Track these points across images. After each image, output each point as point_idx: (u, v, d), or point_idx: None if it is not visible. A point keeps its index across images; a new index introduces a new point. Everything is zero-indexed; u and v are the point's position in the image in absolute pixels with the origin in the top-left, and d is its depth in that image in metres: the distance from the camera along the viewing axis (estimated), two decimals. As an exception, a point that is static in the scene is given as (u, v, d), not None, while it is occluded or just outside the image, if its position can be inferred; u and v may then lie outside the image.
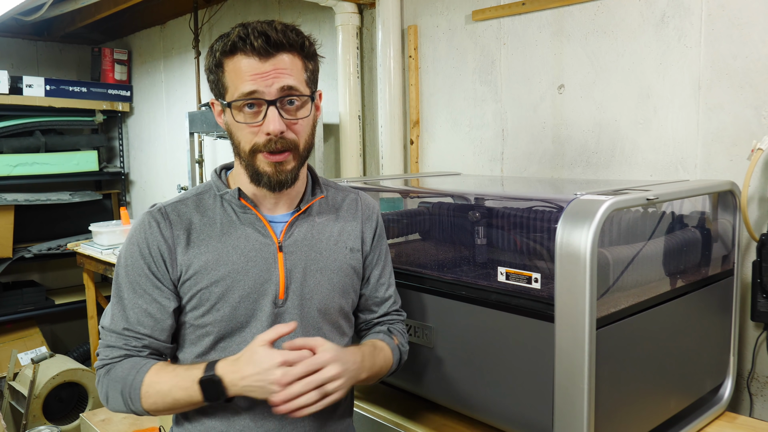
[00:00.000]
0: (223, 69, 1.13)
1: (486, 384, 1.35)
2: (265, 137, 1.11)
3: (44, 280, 4.60)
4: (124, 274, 1.17)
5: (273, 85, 1.10)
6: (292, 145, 1.14)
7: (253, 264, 1.17)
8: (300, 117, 1.14)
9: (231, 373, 1.07)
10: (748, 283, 1.62)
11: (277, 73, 1.10)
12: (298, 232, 1.21)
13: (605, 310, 1.17)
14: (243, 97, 1.10)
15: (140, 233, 1.17)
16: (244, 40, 1.09)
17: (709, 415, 1.51)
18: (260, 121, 1.11)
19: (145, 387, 1.11)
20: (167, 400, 1.11)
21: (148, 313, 1.15)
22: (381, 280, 1.33)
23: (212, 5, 3.57)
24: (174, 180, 4.07)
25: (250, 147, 1.13)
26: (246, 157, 1.15)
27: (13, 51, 4.47)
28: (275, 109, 1.10)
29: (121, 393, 1.13)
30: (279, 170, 1.14)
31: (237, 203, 1.19)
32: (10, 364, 3.63)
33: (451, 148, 2.39)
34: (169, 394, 1.10)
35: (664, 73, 1.78)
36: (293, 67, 1.12)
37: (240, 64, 1.10)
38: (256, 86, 1.09)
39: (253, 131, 1.12)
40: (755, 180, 1.63)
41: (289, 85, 1.11)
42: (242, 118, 1.12)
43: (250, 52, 1.09)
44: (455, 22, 2.32)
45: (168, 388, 1.10)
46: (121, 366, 1.14)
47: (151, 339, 1.15)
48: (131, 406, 1.13)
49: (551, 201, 1.36)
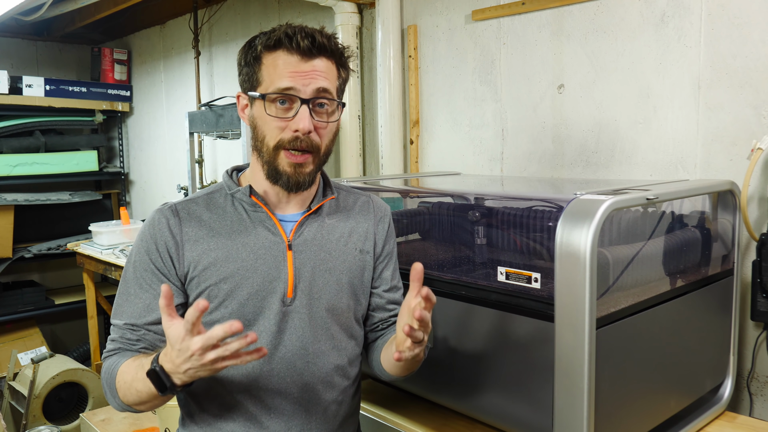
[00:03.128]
0: (261, 62, 1.15)
1: (486, 384, 1.35)
2: (292, 134, 1.13)
3: (44, 280, 4.60)
4: (132, 270, 1.18)
5: (309, 86, 1.12)
6: (315, 147, 1.15)
7: (262, 262, 1.17)
8: (328, 121, 1.16)
9: (167, 363, 1.01)
10: (748, 282, 1.62)
11: (315, 75, 1.13)
12: (308, 231, 1.22)
13: (605, 310, 1.17)
14: (278, 92, 1.12)
15: (149, 230, 1.18)
16: (290, 38, 1.12)
17: (709, 414, 1.51)
18: (290, 117, 1.13)
19: (118, 378, 1.11)
20: (132, 391, 1.09)
21: (150, 307, 1.15)
22: (393, 281, 1.34)
23: (212, 5, 3.57)
24: (174, 180, 4.06)
25: (275, 142, 1.14)
26: (268, 153, 1.15)
27: (12, 51, 4.47)
28: (307, 108, 1.12)
29: (108, 385, 1.13)
30: (298, 172, 1.16)
31: (248, 201, 1.20)
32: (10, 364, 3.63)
33: (451, 147, 2.39)
34: (132, 386, 1.08)
35: (663, 72, 1.78)
36: (329, 72, 1.15)
37: (280, 60, 1.13)
38: (294, 83, 1.12)
39: (280, 126, 1.13)
40: (755, 179, 1.63)
41: (324, 87, 1.13)
42: (273, 112, 1.14)
43: (294, 50, 1.12)
44: (455, 22, 2.32)
45: (131, 379, 1.08)
46: (110, 359, 1.15)
47: (145, 331, 1.15)
48: (113, 399, 1.13)
49: (551, 201, 1.36)
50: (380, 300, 1.32)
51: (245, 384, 1.17)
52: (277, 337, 1.17)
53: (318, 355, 1.20)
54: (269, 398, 1.18)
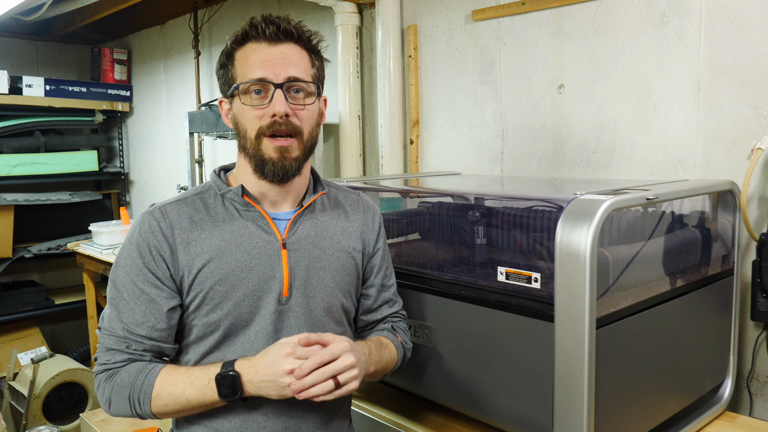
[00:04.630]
0: (233, 60, 1.16)
1: (486, 384, 1.35)
2: (270, 119, 1.13)
3: (44, 280, 4.59)
4: (123, 275, 1.16)
5: (281, 72, 1.13)
6: (297, 130, 1.15)
7: (257, 261, 1.16)
8: (305, 104, 1.17)
9: (248, 368, 1.08)
10: (748, 282, 1.62)
11: (285, 62, 1.14)
12: (301, 229, 1.22)
13: (605, 310, 1.17)
14: (252, 81, 1.13)
15: (139, 233, 1.16)
16: (255, 27, 1.14)
17: (709, 414, 1.51)
18: (266, 104, 1.14)
19: (157, 390, 1.11)
20: (180, 401, 1.10)
21: (148, 315, 1.14)
22: (384, 282, 1.34)
23: (212, 5, 3.57)
24: (174, 180, 4.06)
25: (255, 131, 1.15)
26: (251, 145, 1.16)
27: (12, 51, 4.47)
28: (281, 91, 1.13)
29: (129, 398, 1.12)
30: (284, 156, 1.15)
31: (240, 201, 1.19)
32: (10, 364, 3.63)
33: (451, 147, 2.39)
34: (183, 395, 1.10)
35: (663, 72, 1.78)
36: (300, 59, 1.16)
37: (249, 52, 1.14)
38: (265, 72, 1.13)
39: (258, 115, 1.14)
40: (755, 179, 1.63)
41: (295, 76, 1.14)
42: (249, 101, 1.14)
43: (261, 38, 1.14)
44: (455, 22, 2.32)
45: (182, 389, 1.10)
46: (127, 371, 1.13)
47: (152, 342, 1.15)
48: (138, 410, 1.12)
49: (551, 201, 1.36)
50: (368, 302, 1.33)
51: None
52: (273, 335, 1.17)
53: None
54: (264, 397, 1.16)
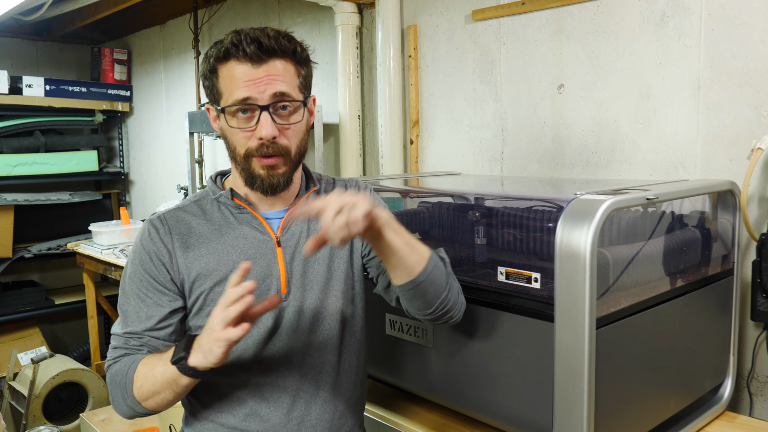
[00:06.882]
0: (217, 75, 1.15)
1: (486, 384, 1.35)
2: (258, 142, 1.13)
3: (44, 280, 4.59)
4: (129, 282, 1.20)
5: (266, 92, 1.12)
6: (284, 150, 1.16)
7: (253, 262, 1.18)
8: (292, 122, 1.16)
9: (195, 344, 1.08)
10: (748, 282, 1.62)
11: (269, 79, 1.12)
12: (294, 226, 1.23)
13: (605, 310, 1.17)
14: (236, 103, 1.12)
15: (141, 241, 1.21)
16: (237, 47, 1.11)
17: (709, 414, 1.51)
18: (253, 126, 1.13)
19: (137, 374, 1.13)
20: (149, 380, 1.11)
21: (150, 315, 1.17)
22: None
23: (212, 5, 3.57)
24: (174, 180, 4.06)
25: (244, 151, 1.16)
26: (241, 161, 1.17)
27: (12, 51, 4.47)
28: (268, 114, 1.12)
29: (120, 386, 1.15)
30: (271, 174, 1.16)
31: (232, 204, 1.22)
32: (10, 364, 3.63)
33: (451, 147, 2.39)
34: (151, 373, 1.11)
35: (663, 72, 1.78)
36: (286, 73, 1.14)
37: (233, 71, 1.12)
38: (249, 92, 1.11)
39: (246, 136, 1.14)
40: (755, 179, 1.63)
41: (281, 91, 1.13)
42: (236, 123, 1.14)
43: (243, 58, 1.11)
44: (455, 22, 2.32)
45: (151, 367, 1.12)
46: (119, 362, 1.17)
47: (149, 337, 1.17)
48: (127, 399, 1.14)
49: (551, 201, 1.36)
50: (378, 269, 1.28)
51: (244, 379, 1.19)
52: (273, 332, 1.19)
53: (314, 347, 1.21)
54: (268, 392, 1.19)
